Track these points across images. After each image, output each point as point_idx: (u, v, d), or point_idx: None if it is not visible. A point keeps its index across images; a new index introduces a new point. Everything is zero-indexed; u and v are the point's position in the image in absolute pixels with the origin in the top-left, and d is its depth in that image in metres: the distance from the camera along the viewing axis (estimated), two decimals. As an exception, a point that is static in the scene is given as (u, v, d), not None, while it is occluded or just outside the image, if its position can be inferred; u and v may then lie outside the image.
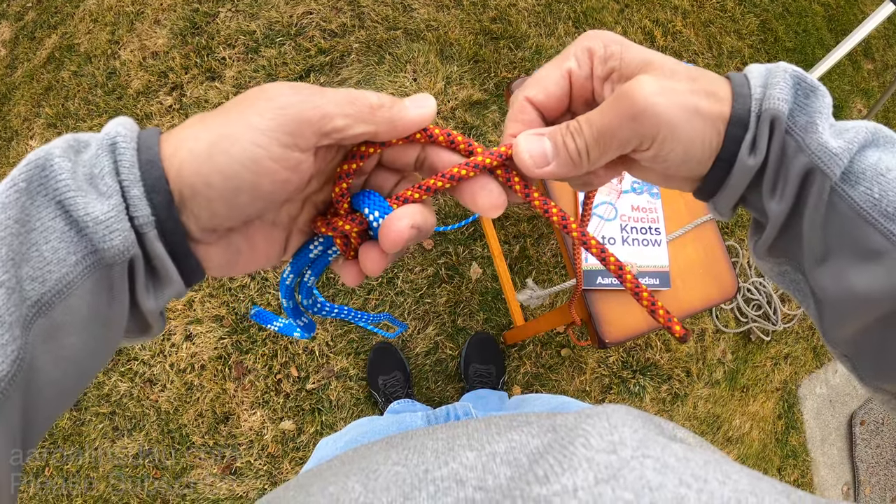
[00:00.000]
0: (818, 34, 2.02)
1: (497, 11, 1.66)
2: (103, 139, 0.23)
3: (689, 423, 1.50)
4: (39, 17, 1.67)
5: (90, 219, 0.22)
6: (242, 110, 0.24)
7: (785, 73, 0.26)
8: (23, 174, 0.22)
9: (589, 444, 0.21)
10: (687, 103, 0.26)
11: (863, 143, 0.26)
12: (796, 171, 0.26)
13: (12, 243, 0.21)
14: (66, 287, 0.22)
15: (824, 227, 0.27)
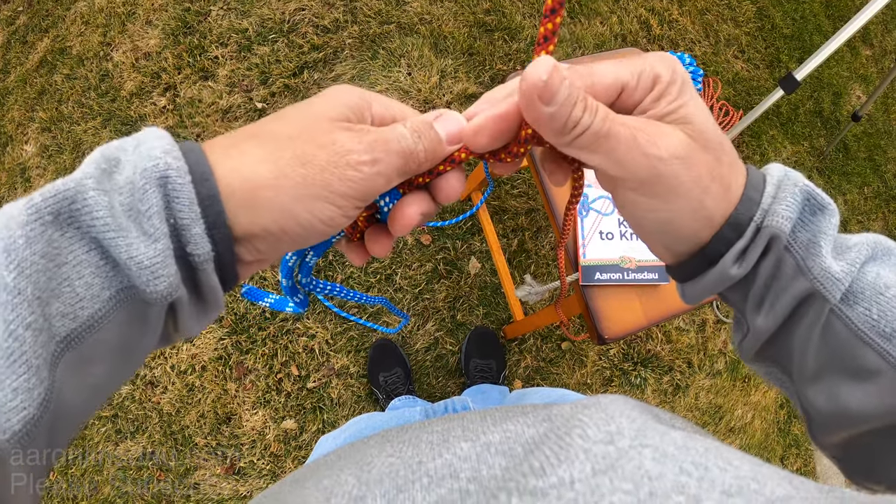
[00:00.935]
0: (816, 20, 2.00)
1: (491, 3, 1.64)
2: (150, 168, 0.21)
3: (690, 414, 1.50)
4: (31, 20, 1.66)
5: (134, 263, 0.21)
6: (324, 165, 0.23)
7: (795, 186, 0.25)
8: (49, 206, 0.20)
9: (586, 435, 0.20)
10: (699, 185, 0.24)
11: (864, 260, 0.25)
12: (794, 293, 0.26)
13: (39, 280, 0.20)
14: (98, 322, 0.21)
15: (818, 347, 0.26)
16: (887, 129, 2.00)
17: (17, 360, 0.19)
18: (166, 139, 0.22)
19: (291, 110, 0.25)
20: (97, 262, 0.21)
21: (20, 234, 0.19)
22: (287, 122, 0.24)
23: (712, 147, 0.25)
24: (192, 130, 1.47)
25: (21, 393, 0.19)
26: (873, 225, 1.85)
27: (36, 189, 0.93)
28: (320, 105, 0.25)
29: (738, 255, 0.26)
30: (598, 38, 1.70)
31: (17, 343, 0.19)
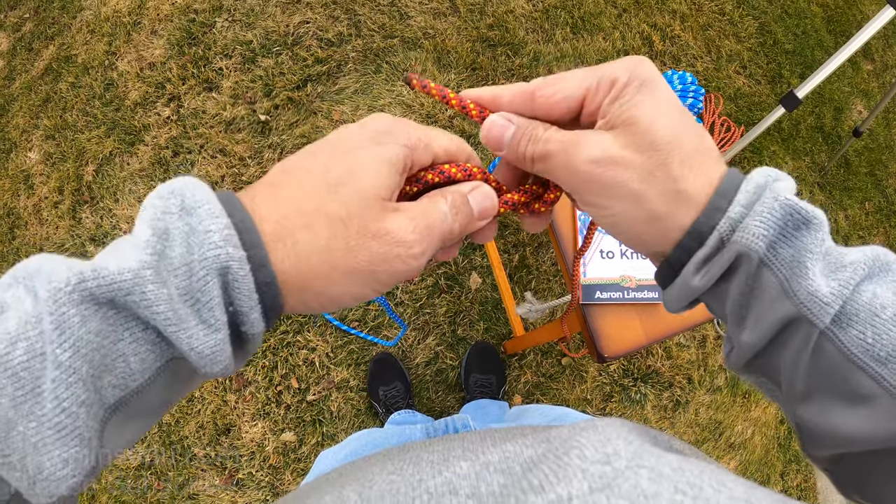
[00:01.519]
0: (817, 36, 2.01)
1: (494, 18, 1.65)
2: (210, 259, 0.21)
3: (690, 430, 1.49)
4: (37, 28, 1.67)
5: (195, 353, 0.21)
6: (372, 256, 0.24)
7: (776, 201, 0.24)
8: (104, 292, 0.20)
9: (583, 456, 0.21)
10: (628, 188, 0.25)
11: (859, 280, 0.24)
12: (777, 316, 0.24)
13: (93, 358, 0.20)
14: (146, 388, 0.22)
15: (807, 369, 0.25)
16: (889, 144, 2.01)
17: (69, 434, 0.19)
18: (222, 220, 0.22)
19: (339, 178, 0.24)
20: (153, 339, 0.22)
21: (74, 313, 0.19)
22: (340, 203, 0.24)
23: (658, 147, 0.25)
24: (195, 142, 1.47)
25: (71, 463, 0.20)
26: (874, 240, 1.85)
27: (38, 196, 0.93)
28: (371, 175, 0.24)
29: (699, 265, 0.25)
30: (600, 54, 1.71)
31: (70, 419, 0.19)
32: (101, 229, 1.44)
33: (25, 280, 0.20)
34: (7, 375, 0.19)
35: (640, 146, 0.25)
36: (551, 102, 0.27)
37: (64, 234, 1.45)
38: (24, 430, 0.19)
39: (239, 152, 1.46)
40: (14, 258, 1.48)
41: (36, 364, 0.19)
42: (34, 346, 0.19)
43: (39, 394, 0.19)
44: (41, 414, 0.19)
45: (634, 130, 0.25)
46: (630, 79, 0.25)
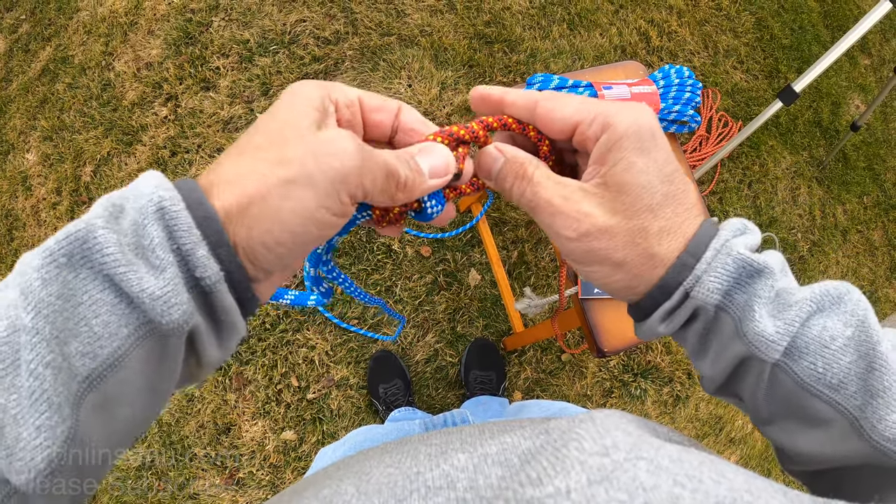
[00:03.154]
0: (814, 30, 2.01)
1: (491, 15, 1.65)
2: (145, 205, 0.22)
3: (691, 425, 1.49)
4: (33, 29, 1.67)
5: (146, 295, 0.21)
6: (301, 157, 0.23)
7: (728, 256, 0.26)
8: (62, 248, 0.21)
9: (582, 448, 0.21)
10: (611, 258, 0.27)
11: (806, 317, 0.26)
12: (732, 353, 0.27)
13: (56, 320, 0.20)
14: (118, 360, 0.21)
15: (766, 398, 0.27)
16: (886, 138, 2.01)
17: (38, 399, 0.19)
18: (158, 176, 0.23)
19: (264, 121, 0.25)
20: (112, 301, 0.21)
21: (36, 277, 0.20)
22: (263, 133, 0.24)
23: (640, 215, 0.26)
24: (192, 141, 1.47)
25: (44, 431, 0.19)
26: (873, 234, 1.86)
27: (37, 197, 0.94)
28: (289, 110, 0.25)
29: (664, 316, 0.27)
30: (597, 50, 1.71)
31: (37, 382, 0.19)
32: (99, 230, 1.44)
33: (12, 280, 0.21)
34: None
35: (627, 213, 0.26)
36: (549, 118, 0.28)
37: (62, 235, 1.45)
38: (5, 402, 0.19)
39: (237, 151, 1.46)
40: (12, 260, 1.48)
41: (14, 338, 0.19)
42: (14, 323, 0.20)
43: (18, 366, 0.19)
44: (19, 385, 0.19)
45: (624, 199, 0.26)
46: (628, 132, 0.26)
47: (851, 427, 0.25)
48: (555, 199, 0.27)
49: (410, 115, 0.29)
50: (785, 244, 1.68)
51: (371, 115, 0.29)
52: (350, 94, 0.28)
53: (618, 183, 0.26)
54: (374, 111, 0.28)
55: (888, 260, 1.86)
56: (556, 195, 0.27)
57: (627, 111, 0.27)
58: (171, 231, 0.22)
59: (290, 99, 0.25)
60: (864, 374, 0.25)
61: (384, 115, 0.29)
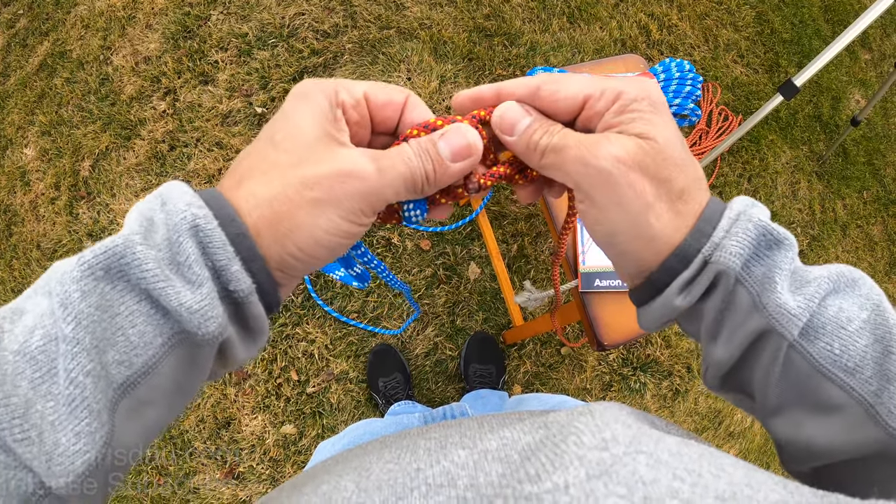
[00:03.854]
0: (815, 25, 2.00)
1: (490, 8, 1.64)
2: (179, 222, 0.22)
3: (690, 419, 1.50)
4: (31, 23, 1.67)
5: (184, 309, 0.22)
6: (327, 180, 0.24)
7: (749, 222, 0.25)
8: (100, 262, 0.22)
9: (581, 442, 0.21)
10: (641, 199, 0.25)
11: (824, 295, 0.25)
12: (749, 329, 0.25)
13: (95, 330, 0.21)
14: (152, 367, 0.22)
15: (778, 382, 0.26)
16: (886, 133, 2.01)
17: (78, 406, 0.20)
18: (188, 193, 0.23)
19: (281, 133, 0.25)
20: (148, 311, 0.22)
21: (75, 289, 0.21)
22: (284, 152, 0.25)
23: (667, 166, 0.25)
24: (191, 135, 1.47)
25: (84, 437, 0.20)
26: (872, 229, 1.86)
27: (35, 192, 0.94)
28: (307, 123, 0.25)
29: (682, 286, 0.26)
30: (597, 43, 1.70)
31: (77, 389, 0.20)
32: (98, 225, 1.44)
33: (43, 287, 0.22)
34: (25, 360, 0.20)
35: (656, 161, 0.25)
36: (555, 99, 0.27)
37: (61, 230, 1.45)
38: (42, 409, 0.20)
39: (236, 145, 1.46)
40: (11, 255, 1.48)
41: (51, 347, 0.20)
42: (49, 332, 0.20)
43: (55, 374, 0.20)
44: (57, 392, 0.20)
45: (652, 145, 0.25)
46: (640, 96, 0.25)
47: (866, 414, 0.24)
48: (584, 138, 0.26)
49: (417, 111, 0.29)
50: (785, 238, 1.68)
51: (378, 113, 0.28)
52: (356, 91, 0.27)
53: (642, 133, 0.25)
54: (381, 108, 0.28)
55: (888, 255, 1.86)
56: (585, 137, 0.26)
57: (636, 81, 0.26)
58: (205, 248, 0.23)
59: (301, 108, 0.26)
60: (880, 359, 0.24)
61: (390, 111, 0.29)
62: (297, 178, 0.24)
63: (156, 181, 1.45)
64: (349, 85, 0.27)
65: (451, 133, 0.27)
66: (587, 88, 0.26)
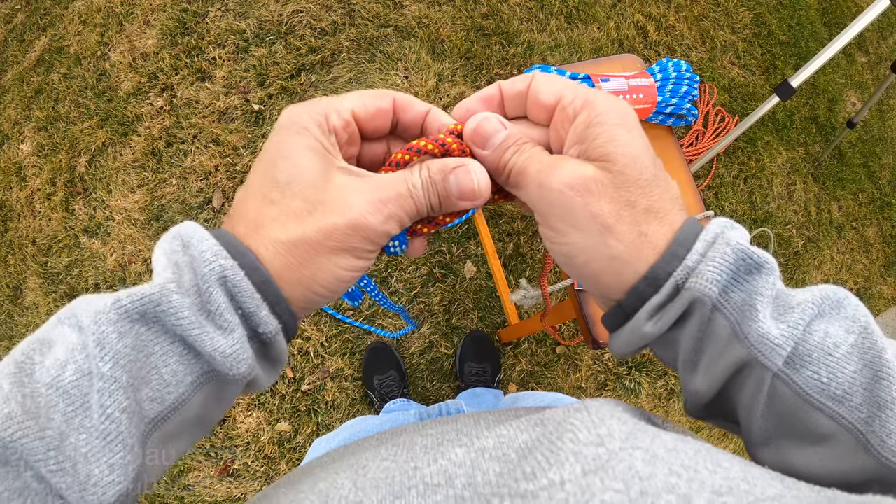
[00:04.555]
0: (812, 27, 2.01)
1: (489, 7, 1.65)
2: (208, 273, 0.24)
3: (685, 418, 1.50)
4: (28, 19, 1.66)
5: (218, 353, 0.23)
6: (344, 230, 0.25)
7: (727, 246, 0.24)
8: (136, 307, 0.23)
9: (576, 439, 0.21)
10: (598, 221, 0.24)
11: (808, 321, 0.24)
12: (729, 359, 0.24)
13: (131, 369, 0.22)
14: (181, 404, 0.24)
15: (764, 413, 0.25)
16: (882, 135, 2.02)
17: (113, 440, 0.21)
18: (211, 241, 0.24)
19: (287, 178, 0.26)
20: (181, 352, 0.24)
21: (112, 330, 0.22)
22: (294, 197, 0.26)
23: (629, 187, 0.24)
24: (188, 132, 1.47)
25: (117, 469, 0.21)
26: (868, 231, 1.86)
27: (31, 187, 0.94)
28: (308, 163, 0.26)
29: (652, 312, 0.25)
30: (594, 44, 1.70)
31: (113, 425, 0.21)
32: (94, 220, 1.43)
33: (69, 319, 0.23)
34: (59, 394, 0.21)
35: (615, 183, 0.24)
36: (538, 90, 0.28)
37: (57, 226, 1.45)
38: (76, 442, 0.21)
39: (232, 142, 1.46)
40: (6, 251, 1.47)
41: (84, 382, 0.22)
42: (82, 367, 0.22)
43: (88, 408, 0.21)
44: (90, 426, 0.21)
45: (611, 167, 0.25)
46: (609, 109, 0.25)
47: (857, 442, 0.23)
48: (547, 159, 0.26)
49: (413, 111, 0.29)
50: (780, 240, 1.69)
51: (367, 125, 0.29)
52: (343, 111, 0.27)
53: (603, 154, 0.25)
54: (369, 121, 0.29)
55: (882, 257, 1.87)
56: (549, 158, 0.27)
57: (607, 96, 0.26)
58: (234, 296, 0.24)
59: (298, 144, 0.26)
60: (869, 385, 0.23)
61: (380, 121, 0.29)
62: (314, 229, 0.25)
63: (152, 177, 1.45)
64: (337, 105, 0.27)
65: (462, 174, 0.27)
66: (563, 90, 0.27)
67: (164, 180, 1.44)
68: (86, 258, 1.42)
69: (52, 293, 1.41)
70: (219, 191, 1.43)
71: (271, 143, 0.27)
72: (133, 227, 1.42)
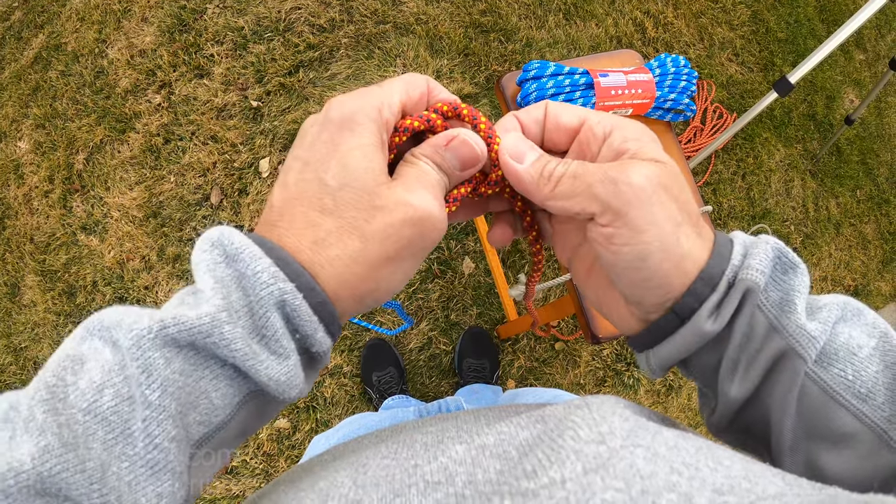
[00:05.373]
0: (810, 24, 2.01)
1: (487, 4, 1.65)
2: (265, 297, 0.22)
3: (683, 415, 1.50)
4: (26, 16, 1.66)
5: (272, 381, 0.23)
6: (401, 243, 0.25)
7: (766, 245, 0.25)
8: (184, 337, 0.22)
9: (577, 436, 0.21)
10: (672, 218, 0.24)
11: (835, 321, 0.25)
12: (768, 354, 0.25)
13: (180, 396, 0.22)
14: (226, 423, 0.24)
15: (795, 412, 0.25)
16: (880, 132, 2.02)
17: (162, 469, 0.21)
18: (264, 258, 0.23)
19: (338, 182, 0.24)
20: (231, 375, 0.23)
21: (158, 356, 0.21)
22: (352, 206, 0.24)
23: (684, 189, 0.25)
24: (186, 128, 1.47)
25: (165, 497, 0.21)
26: (865, 228, 1.87)
27: (29, 185, 0.93)
28: (363, 166, 0.24)
29: (712, 310, 0.25)
30: (593, 40, 1.71)
31: (161, 454, 0.21)
32: (92, 218, 1.43)
33: (101, 332, 0.22)
34: (97, 421, 0.20)
35: (676, 184, 0.25)
36: (558, 112, 0.28)
37: (55, 224, 1.44)
38: (118, 471, 0.20)
39: (231, 139, 1.46)
40: (4, 248, 1.47)
41: (124, 408, 0.20)
42: (121, 392, 0.21)
43: (129, 435, 0.20)
44: (132, 454, 0.20)
45: (670, 168, 0.25)
46: (637, 131, 0.26)
47: (880, 440, 0.24)
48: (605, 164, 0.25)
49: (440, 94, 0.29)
50: (778, 236, 1.69)
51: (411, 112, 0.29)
52: (394, 104, 0.27)
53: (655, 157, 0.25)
54: (413, 108, 0.28)
55: (880, 254, 1.87)
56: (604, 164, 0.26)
57: (630, 120, 0.27)
58: (291, 319, 0.23)
59: (351, 143, 0.25)
60: (891, 385, 0.24)
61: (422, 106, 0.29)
62: (376, 243, 0.24)
63: (150, 174, 1.44)
64: (388, 98, 0.26)
65: (457, 144, 0.27)
66: (586, 113, 0.27)
67: (162, 177, 1.44)
68: (84, 255, 1.42)
69: (49, 291, 1.41)
70: (217, 187, 1.43)
71: (320, 141, 0.25)
72: (131, 225, 1.42)
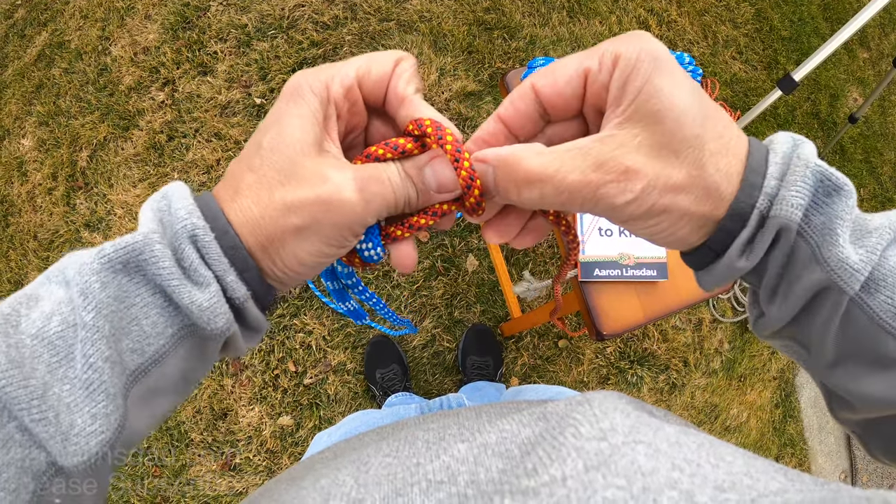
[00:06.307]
0: (814, 23, 2.01)
1: (491, 1, 1.64)
2: (180, 231, 0.24)
3: (686, 413, 1.50)
4: (29, 14, 1.66)
5: (195, 306, 0.23)
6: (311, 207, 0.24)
7: (807, 168, 0.23)
8: (119, 256, 0.23)
9: (578, 433, 0.21)
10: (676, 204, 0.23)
11: (885, 246, 0.23)
12: (808, 284, 0.24)
13: (113, 319, 0.22)
14: (161, 357, 0.24)
15: (837, 337, 0.25)
16: (884, 131, 2.02)
17: (96, 389, 0.21)
18: (188, 199, 0.24)
19: (270, 145, 0.25)
20: (161, 304, 0.24)
21: (95, 280, 0.22)
22: (270, 166, 0.25)
23: (691, 144, 0.23)
24: (190, 126, 1.47)
25: (99, 418, 0.21)
26: (869, 226, 1.87)
27: (32, 182, 0.94)
28: (295, 132, 0.25)
29: (743, 246, 0.24)
30: (596, 38, 1.70)
31: (96, 374, 0.21)
32: (95, 215, 1.43)
33: (56, 276, 0.23)
34: (44, 345, 0.21)
35: (674, 145, 0.22)
36: (554, 88, 0.25)
37: (58, 221, 1.44)
38: (59, 392, 0.21)
39: (234, 136, 1.46)
40: (8, 246, 1.47)
41: (69, 333, 0.22)
42: (67, 319, 0.22)
43: (72, 359, 0.21)
44: (73, 376, 0.21)
45: (663, 130, 0.22)
46: (639, 55, 0.23)
47: None
48: (589, 175, 0.23)
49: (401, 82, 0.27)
50: (782, 234, 1.69)
51: (372, 93, 0.27)
52: (348, 79, 0.26)
53: (649, 113, 0.22)
54: (376, 87, 0.27)
55: (884, 252, 1.87)
56: (586, 170, 0.23)
57: (625, 37, 0.24)
58: (203, 257, 0.24)
59: (291, 111, 0.25)
60: None
61: (380, 90, 0.27)
62: (281, 202, 0.24)
63: (154, 172, 1.44)
64: (342, 72, 0.26)
65: (438, 165, 0.26)
66: (584, 62, 0.24)
67: (165, 174, 1.44)
68: (87, 252, 1.42)
69: (53, 287, 1.41)
70: (220, 185, 1.43)
71: (272, 110, 0.26)
72: (135, 222, 1.42)
